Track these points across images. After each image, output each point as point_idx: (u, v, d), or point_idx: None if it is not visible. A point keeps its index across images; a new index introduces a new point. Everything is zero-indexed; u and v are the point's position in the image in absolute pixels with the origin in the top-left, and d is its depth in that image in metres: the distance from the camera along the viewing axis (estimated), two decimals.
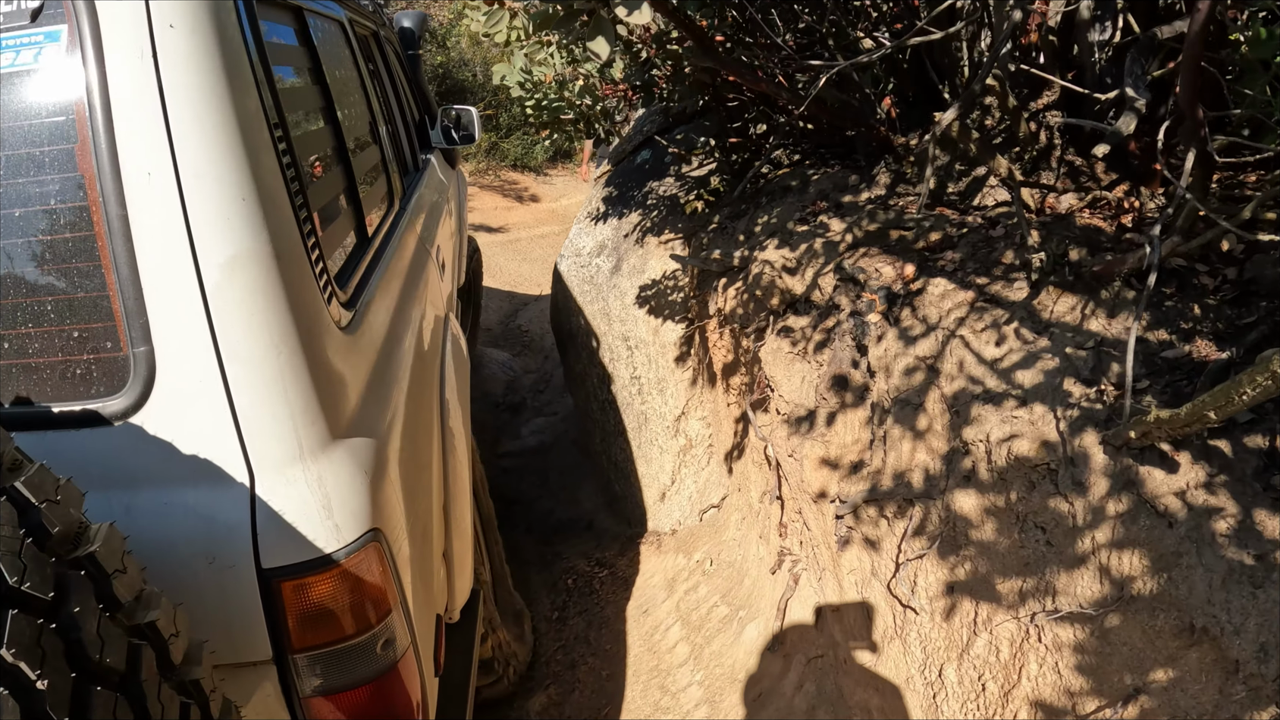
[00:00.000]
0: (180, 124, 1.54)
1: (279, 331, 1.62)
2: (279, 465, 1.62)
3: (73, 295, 1.58)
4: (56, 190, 1.56)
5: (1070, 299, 2.77)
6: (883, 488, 2.92)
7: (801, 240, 3.62)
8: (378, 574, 1.72)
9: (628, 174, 5.97)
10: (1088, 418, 2.39)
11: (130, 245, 1.54)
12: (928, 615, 2.77)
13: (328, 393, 1.73)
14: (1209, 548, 2.04)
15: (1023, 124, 3.32)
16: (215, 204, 1.56)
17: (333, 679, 1.71)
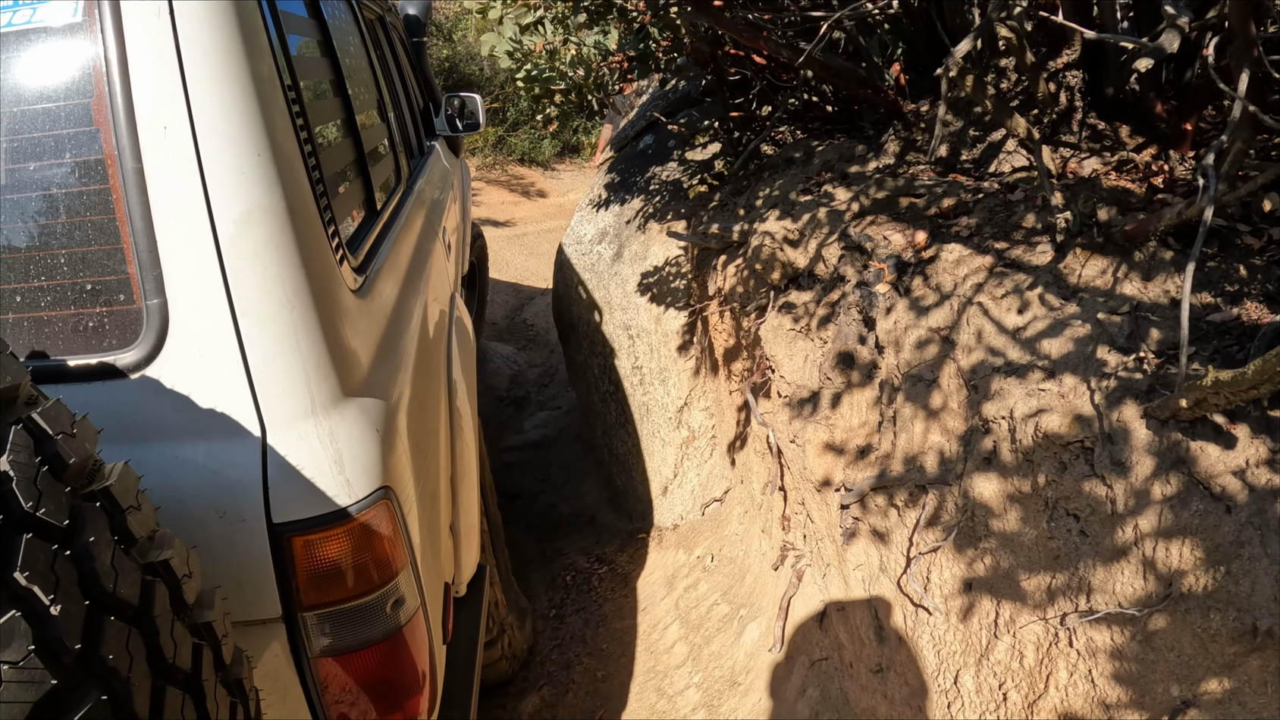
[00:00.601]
0: (196, 79, 1.51)
1: (293, 287, 1.58)
2: (291, 420, 1.57)
3: (86, 248, 1.54)
4: (71, 143, 1.53)
5: (1100, 261, 2.40)
6: (892, 473, 2.56)
7: (804, 210, 3.27)
8: (388, 531, 1.66)
9: (630, 159, 5.63)
10: (1126, 388, 2.02)
11: (145, 198, 1.50)
12: (942, 615, 2.40)
13: (340, 351, 1.67)
14: (1275, 535, 1.67)
15: (1041, 83, 2.95)
16: (231, 158, 1.52)
17: (342, 638, 1.65)
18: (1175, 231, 2.33)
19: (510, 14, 3.58)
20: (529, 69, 3.65)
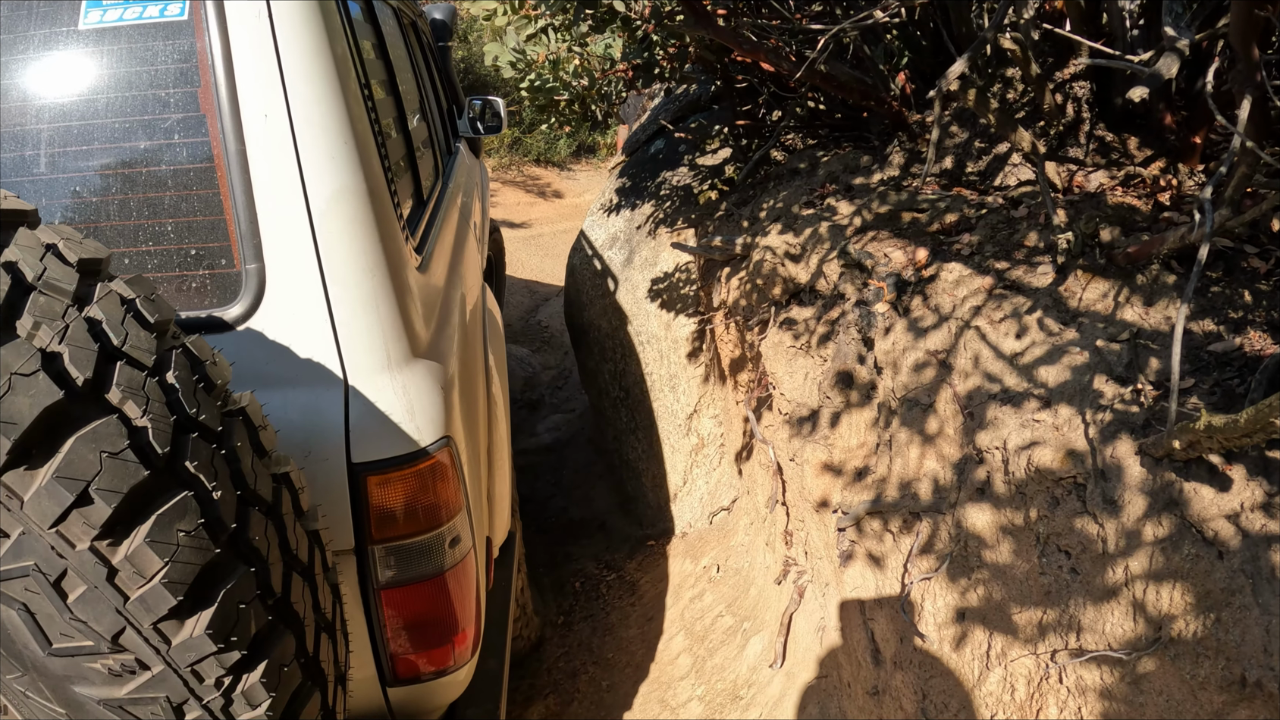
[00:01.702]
0: (293, 74, 1.70)
1: (373, 258, 1.77)
2: (370, 373, 1.74)
3: (192, 218, 1.72)
4: (180, 127, 1.71)
5: (1102, 284, 2.33)
6: (887, 499, 2.49)
7: (806, 225, 3.20)
8: (450, 475, 1.83)
9: (641, 164, 5.57)
10: (1122, 422, 1.95)
11: (247, 176, 1.68)
12: (935, 643, 2.34)
13: (408, 316, 1.86)
14: (1268, 585, 1.61)
15: (1047, 95, 2.87)
16: (323, 145, 1.71)
17: (405, 571, 1.80)
18: (1179, 255, 2.26)
19: (513, 24, 3.53)
20: (532, 79, 3.59)
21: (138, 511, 1.07)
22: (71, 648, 1.09)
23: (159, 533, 1.08)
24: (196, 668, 1.14)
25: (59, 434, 1.03)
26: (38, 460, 1.01)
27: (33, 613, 1.07)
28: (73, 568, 1.05)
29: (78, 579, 1.06)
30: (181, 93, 1.72)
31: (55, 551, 1.04)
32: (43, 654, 1.10)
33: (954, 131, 3.29)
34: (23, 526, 1.03)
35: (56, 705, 1.16)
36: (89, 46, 1.73)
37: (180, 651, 1.12)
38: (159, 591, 1.08)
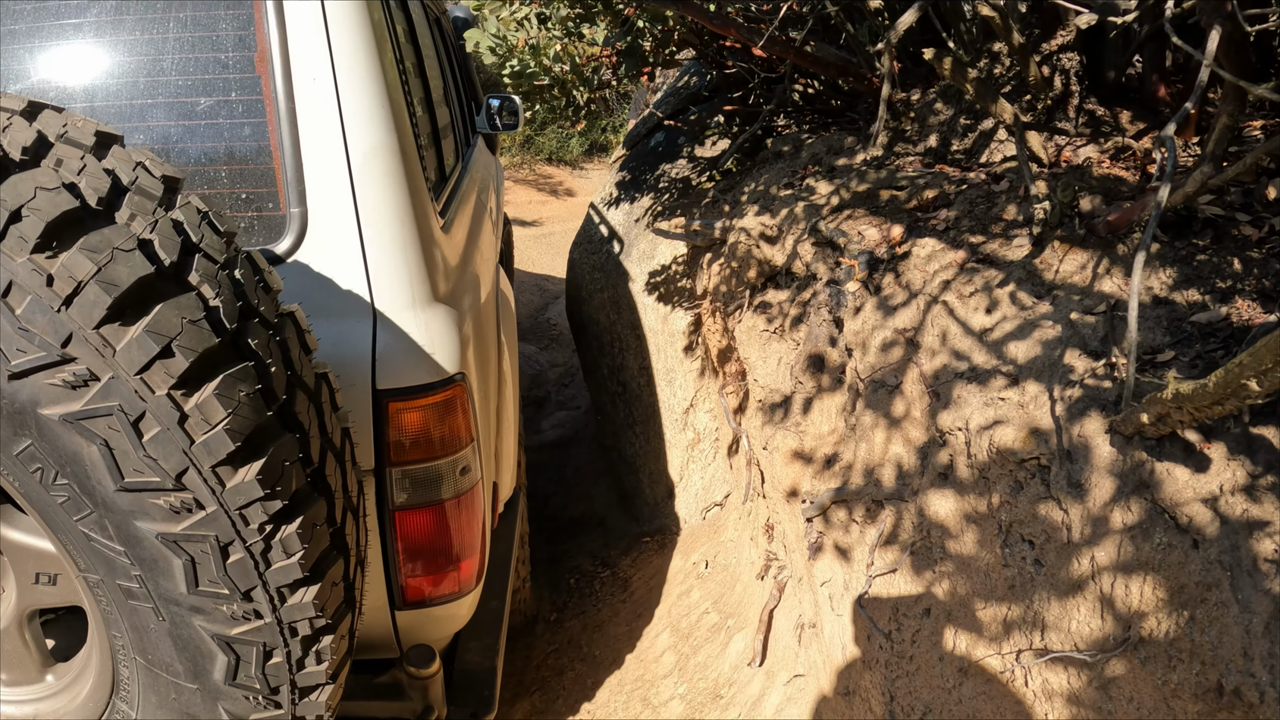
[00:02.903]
0: (338, 44, 1.85)
1: (403, 208, 1.90)
2: (397, 310, 1.86)
3: (244, 166, 1.87)
4: (237, 85, 1.87)
5: (1080, 255, 2.08)
6: (852, 486, 2.25)
7: (783, 205, 2.96)
8: (462, 408, 1.93)
9: (641, 158, 5.35)
10: (1092, 399, 1.70)
11: (295, 131, 1.83)
12: (901, 642, 2.10)
13: (432, 264, 1.98)
14: (1249, 579, 1.35)
15: (1032, 66, 2.62)
16: (363, 106, 1.86)
17: (418, 495, 1.89)
18: (1162, 221, 2.00)
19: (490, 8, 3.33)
20: (513, 65, 3.39)
21: (208, 370, 1.20)
22: (140, 483, 1.21)
23: (224, 389, 1.20)
24: (244, 511, 1.25)
25: (149, 300, 1.16)
26: (130, 318, 1.15)
27: (111, 449, 1.18)
28: (150, 410, 1.17)
29: (153, 421, 1.18)
30: (239, 55, 1.88)
31: (137, 395, 1.16)
32: (113, 489, 1.21)
33: (938, 108, 3.04)
34: (112, 372, 1.15)
35: (116, 543, 1.27)
36: (157, 9, 1.88)
37: (232, 494, 1.24)
38: (221, 437, 1.20)
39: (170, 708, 1.46)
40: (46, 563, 1.56)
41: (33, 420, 1.18)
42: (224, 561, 1.28)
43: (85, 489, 1.23)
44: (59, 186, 1.16)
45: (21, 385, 1.16)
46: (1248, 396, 1.18)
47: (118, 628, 1.40)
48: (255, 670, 1.39)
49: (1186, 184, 1.78)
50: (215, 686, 1.40)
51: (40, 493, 1.26)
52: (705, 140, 4.91)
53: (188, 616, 1.33)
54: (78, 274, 1.13)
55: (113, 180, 1.23)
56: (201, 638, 1.34)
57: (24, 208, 1.12)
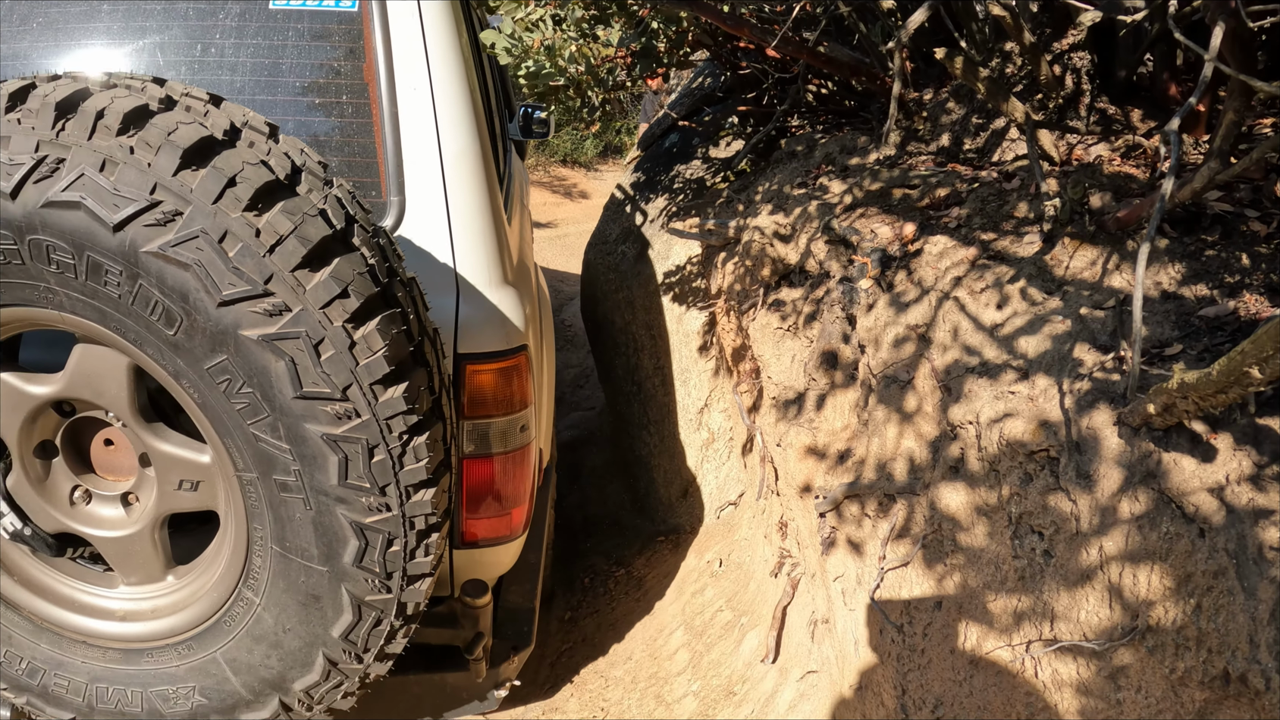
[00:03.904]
0: (435, 60, 2.17)
1: (483, 202, 2.21)
2: (476, 287, 2.16)
3: (352, 159, 2.16)
4: (347, 90, 2.19)
5: (1090, 251, 2.09)
6: (865, 480, 2.27)
7: (796, 204, 2.99)
8: (525, 374, 2.21)
9: (656, 158, 5.38)
10: (1101, 391, 1.72)
11: (397, 131, 2.13)
12: (912, 635, 2.12)
13: (504, 252, 2.28)
14: (1255, 567, 1.37)
15: (1044, 65, 2.63)
16: (455, 114, 2.18)
17: (484, 446, 2.16)
18: (1171, 217, 2.02)
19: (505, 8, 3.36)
20: (528, 66, 3.42)
21: (370, 311, 1.49)
22: (314, 393, 1.47)
23: (381, 326, 1.50)
24: (389, 421, 1.52)
25: (329, 254, 1.46)
26: (317, 266, 1.43)
27: (295, 365, 1.45)
28: (328, 337, 1.45)
29: (330, 345, 1.45)
30: (350, 65, 2.19)
31: (320, 324, 1.44)
32: (291, 396, 1.46)
33: (950, 108, 3.06)
34: (302, 305, 1.43)
35: (284, 442, 1.52)
36: (277, 23, 2.18)
37: (383, 407, 1.51)
38: (379, 362, 1.48)
39: (297, 590, 1.68)
40: (191, 471, 1.76)
41: (232, 340, 1.44)
42: (370, 460, 1.53)
43: (266, 396, 1.48)
44: (258, 162, 1.45)
45: (227, 311, 1.41)
46: (1250, 384, 1.20)
47: (260, 520, 1.64)
48: (378, 556, 1.63)
49: (1194, 180, 1.79)
50: (343, 569, 1.63)
51: (221, 400, 1.51)
52: (720, 141, 4.93)
53: (333, 506, 1.57)
54: (280, 229, 1.41)
55: (291, 160, 1.51)
56: (341, 524, 1.58)
57: (236, 176, 1.40)
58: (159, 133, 1.40)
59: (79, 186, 1.37)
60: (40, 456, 1.82)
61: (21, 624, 1.90)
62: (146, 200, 1.37)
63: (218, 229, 1.39)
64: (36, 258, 1.44)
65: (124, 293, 1.44)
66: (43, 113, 1.39)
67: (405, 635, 1.81)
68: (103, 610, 1.91)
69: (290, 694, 1.82)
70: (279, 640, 1.76)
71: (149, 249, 1.39)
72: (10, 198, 1.38)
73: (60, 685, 1.91)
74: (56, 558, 1.92)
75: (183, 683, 1.86)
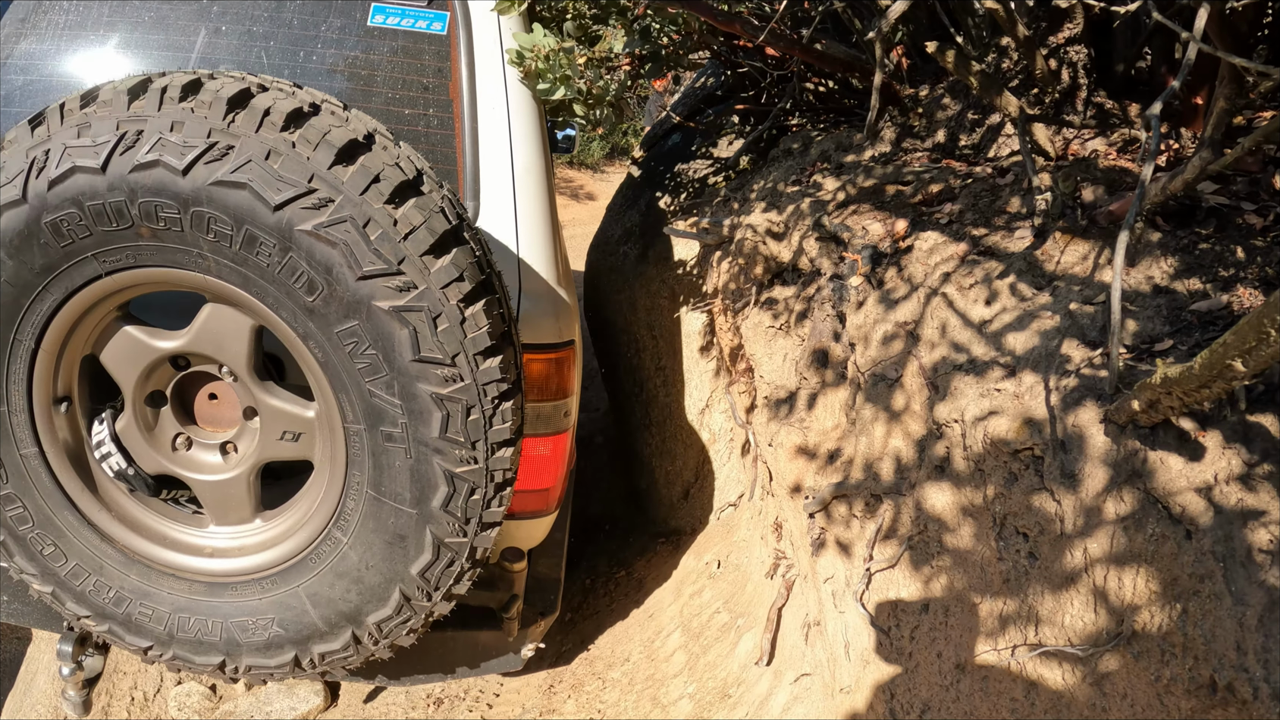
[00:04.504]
0: (512, 82, 2.40)
1: (545, 211, 2.39)
2: (535, 284, 2.32)
3: (435, 165, 2.24)
4: (435, 103, 2.38)
5: (1082, 246, 2.02)
6: (852, 480, 2.21)
7: (789, 201, 2.92)
8: (571, 366, 2.39)
9: (659, 158, 5.32)
10: (1088, 388, 1.65)
11: (476, 145, 2.33)
12: (900, 638, 2.05)
13: (559, 255, 2.46)
14: (1243, 570, 1.30)
15: (1039, 59, 2.56)
16: (526, 132, 2.38)
17: (533, 427, 2.33)
18: (1164, 210, 1.94)
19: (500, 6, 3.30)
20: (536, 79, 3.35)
21: (478, 294, 1.68)
22: (429, 357, 1.64)
23: (486, 308, 1.68)
24: (486, 386, 1.70)
25: (448, 244, 1.65)
26: (439, 253, 1.63)
27: (416, 333, 1.62)
28: (445, 313, 1.63)
29: (446, 319, 1.63)
30: (437, 81, 2.38)
31: (440, 301, 1.62)
32: (408, 359, 1.64)
33: (946, 104, 2.98)
34: (427, 285, 1.61)
35: (396, 399, 1.69)
36: (373, 39, 2.39)
37: (483, 374, 1.69)
38: (483, 336, 1.67)
39: (385, 530, 1.84)
40: (295, 423, 1.92)
41: (365, 309, 1.61)
42: (467, 419, 1.71)
43: (388, 358, 1.65)
44: (393, 164, 1.65)
45: (364, 285, 1.59)
46: (1234, 377, 1.13)
47: (359, 467, 1.80)
48: (462, 502, 1.80)
49: (1185, 170, 1.72)
50: (430, 512, 1.80)
51: (345, 360, 1.68)
52: (720, 140, 4.87)
53: (430, 455, 1.74)
54: (413, 221, 1.61)
55: (415, 165, 1.71)
56: (436, 472, 1.75)
57: (379, 174, 1.60)
58: (317, 132, 1.61)
59: (247, 170, 1.55)
60: (150, 405, 1.99)
61: (114, 555, 2.05)
62: (305, 187, 1.57)
63: (363, 216, 1.58)
64: (196, 227, 1.61)
65: (273, 263, 1.62)
66: (215, 105, 1.58)
67: (470, 578, 1.97)
68: (192, 546, 2.08)
69: (363, 626, 1.98)
70: (360, 576, 1.92)
71: (303, 227, 1.57)
72: (182, 174, 1.55)
73: (144, 614, 2.07)
74: (152, 497, 2.10)
75: (263, 615, 2.02)
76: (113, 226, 1.63)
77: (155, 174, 1.56)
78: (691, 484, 4.75)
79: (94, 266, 1.70)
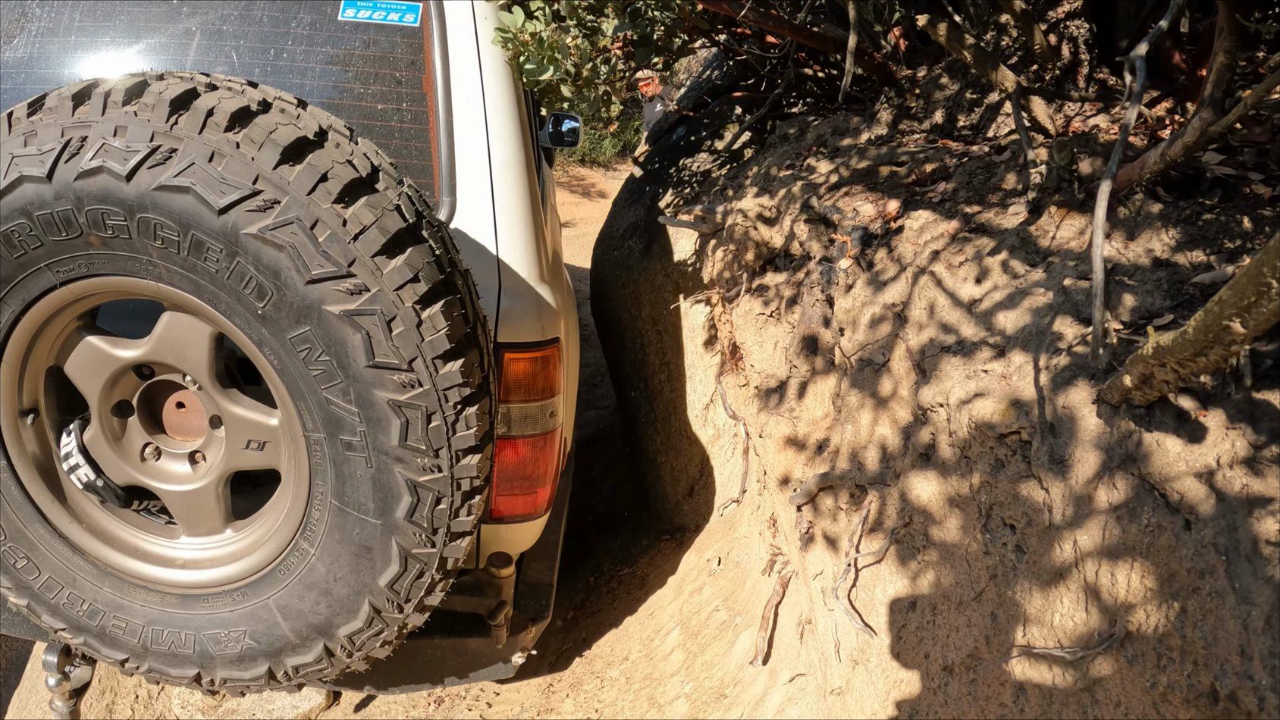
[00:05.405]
0: (487, 75, 2.26)
1: (526, 206, 2.27)
2: (515, 282, 2.21)
3: (409, 161, 2.22)
4: (408, 98, 2.26)
5: (1078, 220, 1.85)
6: (838, 470, 2.04)
7: (781, 186, 2.76)
8: (555, 365, 2.28)
9: (664, 152, 5.17)
10: (1080, 367, 1.48)
11: (451, 139, 2.21)
12: (887, 637, 1.88)
13: (541, 252, 2.34)
14: (1248, 565, 1.12)
15: (1037, 34, 2.39)
16: (503, 125, 2.26)
17: (516, 428, 2.25)
18: (1165, 180, 1.76)
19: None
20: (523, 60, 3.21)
21: (435, 295, 1.57)
22: (384, 363, 1.55)
23: (445, 309, 1.58)
24: (447, 391, 1.60)
25: (403, 244, 1.54)
26: (393, 253, 1.52)
27: (370, 338, 1.53)
28: (400, 315, 1.53)
29: (401, 322, 1.53)
30: (410, 75, 2.27)
31: (394, 304, 1.52)
32: (363, 365, 1.55)
33: (944, 84, 2.81)
34: (379, 287, 1.51)
35: (353, 406, 1.60)
36: (344, 33, 2.28)
37: (442, 379, 1.59)
38: (441, 339, 1.57)
39: (350, 541, 1.76)
40: (259, 432, 1.84)
41: (315, 313, 1.53)
42: (427, 425, 1.62)
43: (342, 364, 1.57)
44: (344, 161, 1.56)
45: (314, 288, 1.51)
46: (1232, 341, 0.96)
47: (322, 477, 1.72)
48: (427, 512, 1.72)
49: (1186, 133, 1.55)
50: (395, 522, 1.71)
51: (299, 367, 1.60)
52: (724, 131, 4.71)
53: (391, 464, 1.65)
54: (364, 220, 1.51)
55: (370, 161, 1.61)
56: (397, 481, 1.67)
57: (327, 173, 1.51)
58: (262, 131, 1.52)
59: (190, 174, 1.47)
60: (117, 415, 1.93)
61: (87, 568, 2.00)
62: (250, 189, 1.48)
63: (310, 217, 1.49)
64: (144, 234, 1.53)
65: (221, 268, 1.54)
66: (158, 108, 1.50)
67: (443, 589, 1.89)
68: (164, 558, 2.01)
69: (335, 639, 1.90)
70: (329, 588, 1.84)
71: (249, 231, 1.49)
72: (125, 180, 1.47)
73: (118, 627, 2.01)
74: (123, 508, 2.03)
75: (235, 627, 1.96)
76: (63, 236, 1.57)
77: (100, 181, 1.50)
78: (696, 480, 4.58)
79: (49, 277, 1.65)
